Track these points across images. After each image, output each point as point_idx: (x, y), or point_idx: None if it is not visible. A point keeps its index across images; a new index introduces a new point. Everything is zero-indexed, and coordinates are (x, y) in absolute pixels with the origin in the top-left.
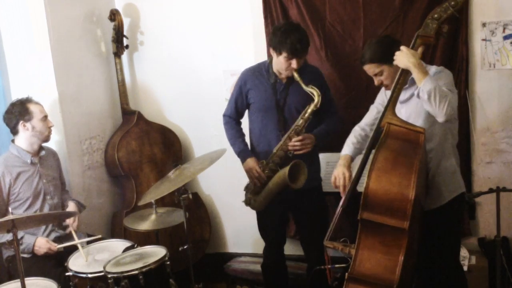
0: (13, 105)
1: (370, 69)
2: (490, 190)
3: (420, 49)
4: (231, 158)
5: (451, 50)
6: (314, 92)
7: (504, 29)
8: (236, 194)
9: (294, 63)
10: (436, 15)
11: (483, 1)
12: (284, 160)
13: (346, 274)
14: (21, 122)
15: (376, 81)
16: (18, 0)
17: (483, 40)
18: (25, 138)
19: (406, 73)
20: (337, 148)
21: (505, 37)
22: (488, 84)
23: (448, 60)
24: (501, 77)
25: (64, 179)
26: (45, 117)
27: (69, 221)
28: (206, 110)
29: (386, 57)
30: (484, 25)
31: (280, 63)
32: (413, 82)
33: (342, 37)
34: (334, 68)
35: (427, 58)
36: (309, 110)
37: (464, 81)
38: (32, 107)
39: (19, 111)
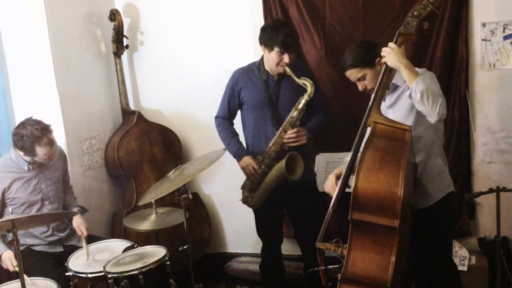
0: (23, 136)
1: (352, 74)
2: (490, 190)
3: (402, 47)
4: (231, 158)
5: (451, 50)
6: (307, 83)
7: (504, 29)
8: (236, 194)
9: (286, 58)
10: (415, 13)
11: (483, 1)
12: (279, 154)
13: (339, 275)
14: (23, 153)
15: (360, 87)
16: (18, 0)
17: (483, 40)
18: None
19: (389, 71)
20: (337, 148)
21: (505, 37)
22: (488, 84)
23: (448, 60)
24: (501, 77)
25: (69, 177)
26: (49, 157)
27: (78, 228)
28: (206, 110)
29: (367, 61)
30: (484, 25)
31: (272, 59)
32: (395, 87)
33: (342, 37)
34: (334, 68)
35: (427, 58)
36: (303, 101)
37: (464, 81)
38: (39, 150)
39: (26, 146)
